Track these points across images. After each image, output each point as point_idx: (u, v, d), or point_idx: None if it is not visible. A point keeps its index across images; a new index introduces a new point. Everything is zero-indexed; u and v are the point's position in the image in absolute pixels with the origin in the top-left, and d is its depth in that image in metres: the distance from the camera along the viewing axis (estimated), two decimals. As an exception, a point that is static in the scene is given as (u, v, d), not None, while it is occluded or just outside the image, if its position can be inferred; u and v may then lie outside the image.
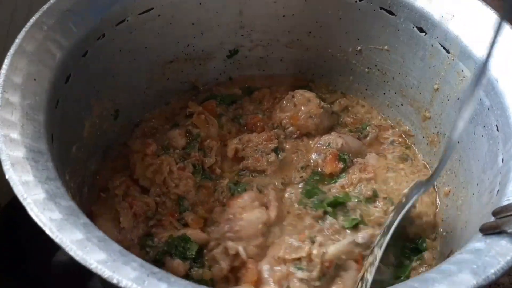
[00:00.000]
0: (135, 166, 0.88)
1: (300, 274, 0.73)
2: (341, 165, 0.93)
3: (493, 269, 0.53)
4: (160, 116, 1.02)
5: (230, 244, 0.78)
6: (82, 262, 0.49)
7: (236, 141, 0.95)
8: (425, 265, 0.82)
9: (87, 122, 0.84)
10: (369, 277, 0.72)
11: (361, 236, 0.77)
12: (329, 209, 0.86)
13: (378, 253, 0.73)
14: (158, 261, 0.78)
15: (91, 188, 0.86)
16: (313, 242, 0.77)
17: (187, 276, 0.77)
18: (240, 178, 0.92)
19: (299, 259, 0.75)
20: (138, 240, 0.81)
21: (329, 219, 0.85)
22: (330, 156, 0.93)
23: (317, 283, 0.73)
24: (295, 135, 0.99)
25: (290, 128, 0.98)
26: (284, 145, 0.98)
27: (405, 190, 0.82)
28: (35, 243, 0.67)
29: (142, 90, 0.99)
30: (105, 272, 0.49)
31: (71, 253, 0.50)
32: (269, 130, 0.99)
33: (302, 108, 0.98)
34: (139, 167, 0.88)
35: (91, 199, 0.85)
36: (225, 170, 0.94)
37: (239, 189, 0.89)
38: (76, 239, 0.51)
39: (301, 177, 0.93)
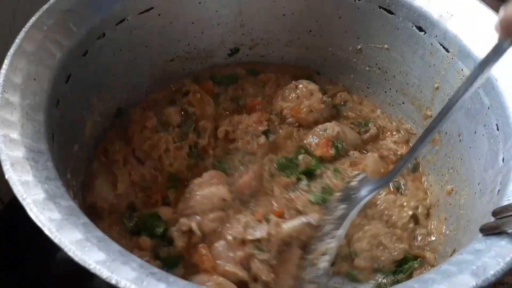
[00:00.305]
0: (133, 136, 0.89)
1: (262, 256, 0.75)
2: (332, 151, 0.93)
3: (492, 270, 0.52)
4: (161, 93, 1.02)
5: (182, 220, 0.78)
6: (81, 262, 0.49)
7: (227, 123, 0.96)
8: (427, 265, 0.83)
9: (88, 121, 0.84)
10: (324, 264, 0.74)
11: (314, 218, 0.79)
12: (303, 176, 0.88)
13: (332, 244, 0.75)
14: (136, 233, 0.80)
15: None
16: (267, 220, 0.78)
17: (157, 255, 0.78)
18: (227, 156, 0.93)
19: (259, 240, 0.76)
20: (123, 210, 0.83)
21: (301, 186, 0.87)
22: (324, 140, 0.94)
23: (274, 262, 0.75)
24: (294, 126, 0.99)
25: (290, 119, 0.99)
26: (279, 130, 0.98)
27: (353, 183, 0.82)
28: (35, 243, 0.66)
29: (144, 88, 0.99)
30: (104, 272, 0.48)
31: (70, 253, 0.50)
32: (265, 113, 0.99)
33: (305, 101, 0.98)
34: (137, 138, 0.89)
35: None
36: (217, 151, 0.94)
37: (223, 166, 0.90)
38: (75, 239, 0.51)
39: None
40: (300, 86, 1.00)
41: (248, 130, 0.94)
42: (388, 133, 1.02)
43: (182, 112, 0.95)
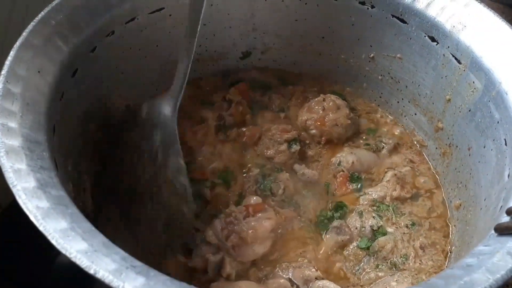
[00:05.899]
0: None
1: None
2: (352, 187, 0.92)
3: (480, 286, 0.51)
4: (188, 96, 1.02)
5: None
6: (62, 250, 0.49)
7: (256, 127, 0.97)
8: None
9: (94, 117, 0.85)
10: None
11: None
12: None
13: None
14: None
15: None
16: None
17: None
18: (267, 170, 0.92)
19: None
20: None
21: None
22: (341, 178, 0.93)
23: None
24: (321, 142, 0.98)
25: (313, 131, 0.97)
26: (307, 150, 0.97)
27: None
28: (34, 248, 0.67)
29: (154, 86, 0.98)
30: (83, 262, 0.48)
31: (53, 241, 0.50)
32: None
33: (330, 114, 0.97)
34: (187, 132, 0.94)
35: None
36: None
37: (264, 183, 0.90)
38: (60, 228, 0.51)
39: None
40: (328, 99, 0.98)
41: (273, 137, 0.95)
42: (403, 146, 1.01)
43: (219, 119, 0.98)
